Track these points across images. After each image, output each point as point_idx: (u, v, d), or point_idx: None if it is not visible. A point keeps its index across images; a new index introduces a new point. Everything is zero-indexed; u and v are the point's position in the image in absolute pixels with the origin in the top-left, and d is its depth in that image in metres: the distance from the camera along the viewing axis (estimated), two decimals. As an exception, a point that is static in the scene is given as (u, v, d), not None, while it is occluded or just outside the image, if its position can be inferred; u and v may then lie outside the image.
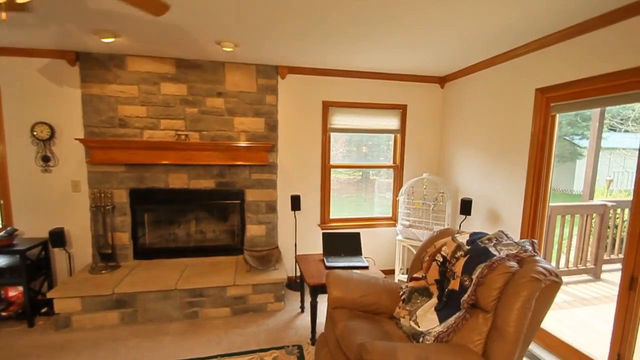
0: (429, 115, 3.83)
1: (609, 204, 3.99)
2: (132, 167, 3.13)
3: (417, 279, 2.03)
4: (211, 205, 3.42)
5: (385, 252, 3.90)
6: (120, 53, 2.97)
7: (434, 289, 1.89)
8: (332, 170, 3.70)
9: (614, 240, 4.12)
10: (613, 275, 3.85)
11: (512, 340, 1.41)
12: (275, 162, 3.42)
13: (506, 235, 1.80)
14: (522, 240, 1.73)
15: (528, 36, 2.41)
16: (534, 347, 2.49)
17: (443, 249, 1.92)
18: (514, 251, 1.62)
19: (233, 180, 3.34)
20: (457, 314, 1.62)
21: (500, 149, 2.94)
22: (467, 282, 1.65)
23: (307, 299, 2.75)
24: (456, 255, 1.81)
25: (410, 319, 1.84)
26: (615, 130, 8.53)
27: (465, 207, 3.09)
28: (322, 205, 3.66)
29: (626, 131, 8.37)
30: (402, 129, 3.76)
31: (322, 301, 2.94)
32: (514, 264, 1.53)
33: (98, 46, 2.77)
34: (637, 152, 1.91)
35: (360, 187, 4.00)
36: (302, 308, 3.00)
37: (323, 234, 2.91)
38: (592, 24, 2.08)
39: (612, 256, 4.06)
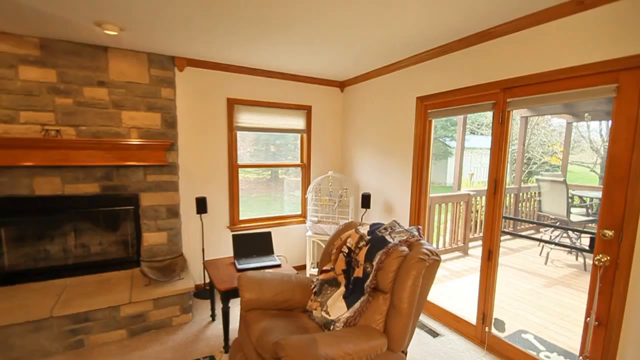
0: (331, 116, 4.07)
1: (472, 193, 4.95)
2: (-23, 172, 2.46)
3: (326, 271, 2.15)
4: (96, 214, 2.93)
5: (296, 248, 4.00)
6: (-48, 24, 2.29)
7: (341, 279, 2.04)
8: (240, 169, 3.61)
9: (476, 222, 5.13)
10: (477, 251, 4.78)
11: (406, 315, 1.63)
12: (176, 162, 3.14)
13: (398, 224, 2.06)
14: (411, 227, 2.01)
15: (408, 52, 2.80)
16: (422, 318, 2.92)
17: (348, 240, 2.08)
18: (405, 237, 1.87)
19: (124, 184, 2.93)
20: (362, 299, 1.79)
21: (391, 148, 3.33)
22: (369, 269, 1.83)
23: (219, 306, 2.63)
24: (359, 245, 1.99)
25: (321, 310, 1.95)
26: (474, 134, 10.67)
27: (365, 201, 3.41)
28: (230, 207, 3.53)
29: (481, 134, 10.56)
30: (308, 129, 3.91)
31: (235, 306, 2.86)
32: (405, 248, 1.77)
33: None
34: (489, 151, 2.42)
35: (270, 186, 4.00)
36: (213, 316, 2.85)
37: (233, 235, 2.82)
38: (453, 46, 2.54)
39: (476, 235, 5.05)
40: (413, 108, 3.02)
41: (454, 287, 3.65)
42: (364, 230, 2.08)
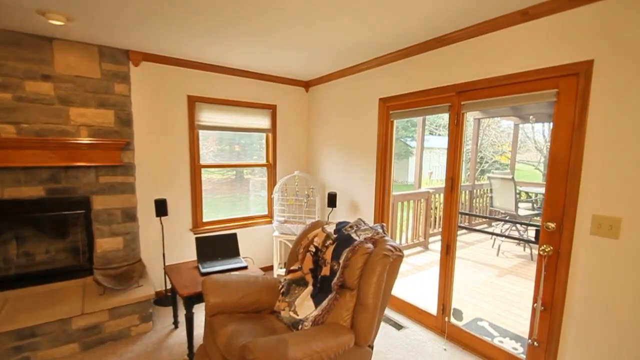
0: (297, 116, 4.06)
1: (431, 190, 5.19)
2: None
3: (294, 271, 2.15)
4: (41, 219, 2.68)
5: (263, 249, 3.95)
6: None
7: (309, 278, 2.05)
8: (204, 170, 3.49)
9: (436, 218, 5.39)
10: (436, 245, 5.02)
11: (372, 310, 1.68)
12: (132, 163, 2.96)
13: (364, 222, 2.11)
14: (375, 225, 2.07)
15: (371, 54, 2.87)
16: (387, 312, 3.02)
17: (315, 239, 2.10)
18: (370, 234, 1.92)
19: (73, 186, 2.71)
20: (329, 297, 1.81)
21: (356, 148, 3.40)
22: (336, 267, 1.86)
23: (182, 313, 2.53)
24: (326, 244, 2.01)
25: (290, 310, 1.94)
26: (432, 134, 11.22)
27: (332, 200, 3.45)
28: (193, 208, 3.40)
29: (439, 135, 11.13)
30: (274, 128, 3.87)
31: (200, 311, 2.76)
32: (370, 245, 1.82)
33: None
34: (446, 150, 2.55)
35: (235, 186, 3.91)
36: (176, 324, 2.73)
37: (196, 238, 2.72)
38: (414, 50, 2.66)
39: (435, 230, 5.30)
40: (376, 109, 3.11)
41: (416, 281, 3.81)
42: (331, 229, 2.11)
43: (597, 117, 1.75)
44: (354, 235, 1.93)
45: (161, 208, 3.01)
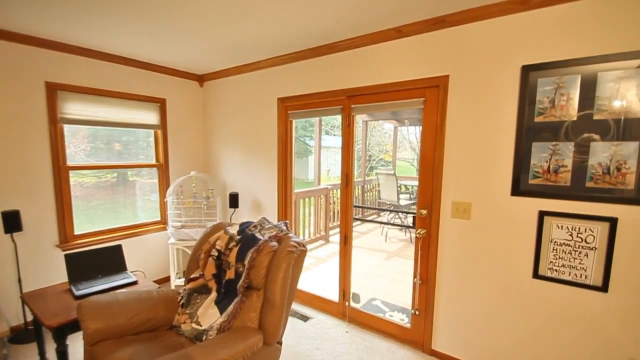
0: (190, 112, 3.78)
1: (329, 187, 5.55)
2: None
3: (194, 279, 2.01)
4: None
5: (157, 260, 3.55)
6: None
7: (212, 284, 1.95)
8: (72, 172, 2.91)
9: (334, 212, 5.78)
10: (336, 237, 5.39)
11: (280, 306, 1.71)
12: (-38, 167, 2.27)
13: (267, 221, 2.12)
14: (279, 223, 2.10)
15: (266, 53, 2.89)
16: (294, 306, 3.11)
17: (217, 243, 2.01)
18: (274, 233, 1.95)
19: None
20: (236, 300, 1.77)
21: (257, 147, 3.37)
22: (241, 269, 1.82)
23: (52, 347, 2.07)
24: (230, 246, 1.95)
25: (192, 322, 1.81)
26: (328, 134, 12.01)
27: (234, 200, 3.34)
28: (60, 219, 2.81)
29: (334, 135, 12.00)
30: (163, 125, 3.51)
31: (77, 341, 2.32)
32: (275, 243, 1.84)
33: None
34: (340, 149, 2.77)
35: (117, 190, 3.37)
36: (41, 362, 2.22)
37: (66, 255, 2.26)
38: (307, 54, 2.79)
39: (334, 224, 5.69)
40: (275, 108, 3.14)
41: (319, 273, 4.03)
42: (234, 230, 2.05)
43: (452, 122, 2.17)
44: (258, 235, 1.93)
45: (11, 222, 2.40)
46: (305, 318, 2.90)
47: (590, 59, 1.70)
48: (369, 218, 6.93)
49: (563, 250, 1.86)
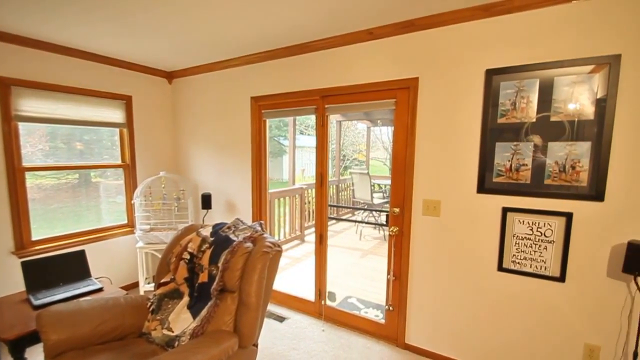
0: (159, 109, 3.64)
1: (304, 186, 5.55)
2: None
3: (165, 283, 1.95)
4: None
5: (124, 265, 3.38)
6: None
7: (184, 288, 1.89)
8: (29, 173, 2.72)
9: (309, 212, 5.79)
10: (311, 237, 5.40)
11: (255, 308, 1.69)
12: None
13: (242, 221, 2.09)
14: (254, 223, 2.08)
15: (239, 51, 2.84)
16: (270, 307, 3.08)
17: (189, 245, 1.95)
18: (249, 233, 1.92)
19: None
20: (209, 304, 1.73)
21: (230, 147, 3.31)
22: (214, 271, 1.78)
23: (3, 362, 1.93)
24: (202, 249, 1.90)
25: (162, 328, 1.75)
26: (303, 134, 12.01)
27: (206, 201, 3.26)
28: (15, 224, 2.61)
29: (309, 134, 12.01)
30: (130, 123, 3.35)
31: (37, 354, 2.17)
32: (249, 244, 1.82)
33: None
34: (315, 149, 2.78)
35: (79, 192, 3.18)
36: (-8, 379, 2.06)
37: (22, 263, 2.10)
38: (280, 53, 2.78)
39: (309, 223, 5.69)
40: (248, 107, 3.10)
41: (295, 273, 4.02)
42: (207, 232, 2.00)
43: (422, 122, 2.24)
44: (232, 236, 1.89)
45: (-43, 229, 2.20)
46: (281, 319, 2.88)
47: (547, 64, 1.82)
48: (344, 217, 7.00)
49: (525, 244, 1.97)
